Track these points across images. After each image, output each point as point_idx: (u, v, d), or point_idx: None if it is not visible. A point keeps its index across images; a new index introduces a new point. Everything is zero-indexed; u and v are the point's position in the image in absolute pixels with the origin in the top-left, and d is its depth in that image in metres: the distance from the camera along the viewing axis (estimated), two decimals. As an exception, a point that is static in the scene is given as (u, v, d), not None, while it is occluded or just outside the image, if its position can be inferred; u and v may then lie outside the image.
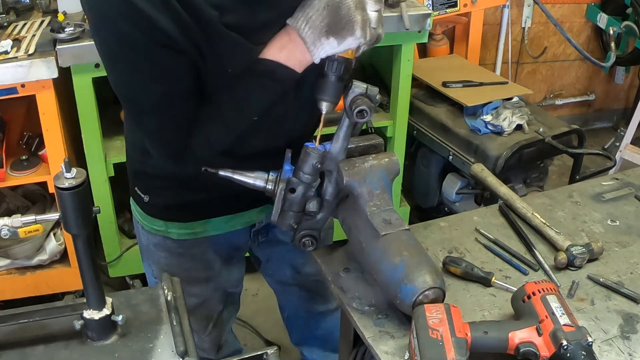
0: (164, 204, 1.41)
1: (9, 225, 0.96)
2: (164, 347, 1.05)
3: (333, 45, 1.10)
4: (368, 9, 1.11)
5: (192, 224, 1.43)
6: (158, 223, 1.44)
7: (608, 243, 1.43)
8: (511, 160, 2.38)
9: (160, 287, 1.16)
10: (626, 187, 1.64)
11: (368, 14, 1.11)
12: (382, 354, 1.15)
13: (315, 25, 1.09)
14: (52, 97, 2.02)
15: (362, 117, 1.15)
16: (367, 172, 1.23)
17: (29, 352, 1.04)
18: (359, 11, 1.09)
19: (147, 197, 1.41)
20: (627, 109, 4.01)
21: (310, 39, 1.10)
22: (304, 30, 1.10)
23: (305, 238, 1.31)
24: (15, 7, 2.23)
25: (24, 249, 2.32)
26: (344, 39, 1.10)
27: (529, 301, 1.13)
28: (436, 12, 2.81)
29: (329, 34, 1.10)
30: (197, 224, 1.43)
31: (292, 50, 1.13)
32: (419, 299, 1.13)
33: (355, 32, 1.09)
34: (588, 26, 3.67)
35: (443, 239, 1.45)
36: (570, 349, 1.02)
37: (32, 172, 2.18)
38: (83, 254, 1.01)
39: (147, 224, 1.46)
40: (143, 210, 1.45)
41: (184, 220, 1.43)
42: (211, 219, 1.43)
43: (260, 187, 1.26)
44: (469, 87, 2.68)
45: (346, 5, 1.08)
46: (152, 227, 1.45)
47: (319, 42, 1.10)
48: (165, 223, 1.43)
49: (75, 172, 0.96)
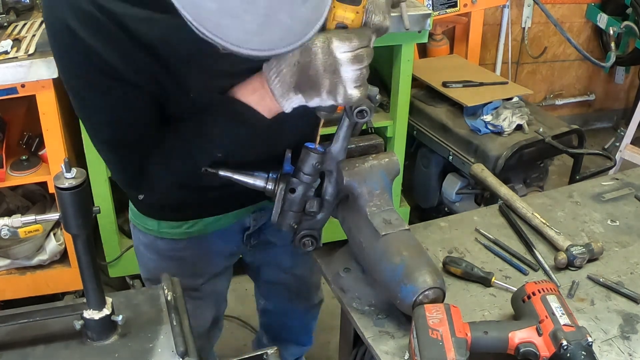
0: (158, 203, 1.40)
1: (9, 225, 0.96)
2: (164, 347, 1.05)
3: (301, 100, 1.08)
4: (342, 71, 1.03)
5: (184, 223, 1.42)
6: (151, 222, 1.43)
7: (608, 243, 1.43)
8: (511, 160, 2.38)
9: (160, 287, 1.16)
10: (626, 187, 1.64)
11: (341, 76, 1.03)
12: (382, 354, 1.15)
13: (285, 80, 1.06)
14: (52, 97, 2.02)
15: (362, 117, 1.15)
16: (367, 172, 1.23)
17: (29, 352, 1.04)
18: (328, 74, 1.03)
19: (142, 196, 1.39)
20: (627, 109, 4.01)
21: (279, 92, 1.07)
22: (274, 82, 1.07)
23: (305, 238, 1.31)
24: (15, 7, 2.22)
25: (24, 249, 2.32)
26: (311, 98, 1.07)
27: (529, 301, 1.13)
28: (436, 12, 2.81)
29: (297, 91, 1.07)
30: (189, 223, 1.42)
31: (263, 96, 1.10)
32: (419, 299, 1.13)
33: (321, 94, 1.05)
34: (588, 26, 3.67)
35: (443, 239, 1.45)
36: (570, 349, 1.02)
37: (32, 172, 2.18)
38: (83, 254, 1.01)
39: (140, 222, 1.45)
40: (137, 208, 1.44)
41: (177, 220, 1.42)
42: (203, 218, 1.43)
43: (260, 187, 1.26)
44: (469, 87, 2.68)
45: (314, 67, 1.03)
46: (145, 227, 1.44)
47: (287, 96, 1.08)
48: (158, 222, 1.42)
49: (75, 172, 0.95)
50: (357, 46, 1.02)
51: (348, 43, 1.01)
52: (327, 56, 1.02)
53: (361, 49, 1.03)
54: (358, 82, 1.04)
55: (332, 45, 1.01)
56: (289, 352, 2.03)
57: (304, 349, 2.06)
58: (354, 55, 1.02)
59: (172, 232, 1.43)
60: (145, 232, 1.45)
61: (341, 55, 1.02)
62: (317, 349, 2.42)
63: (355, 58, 1.02)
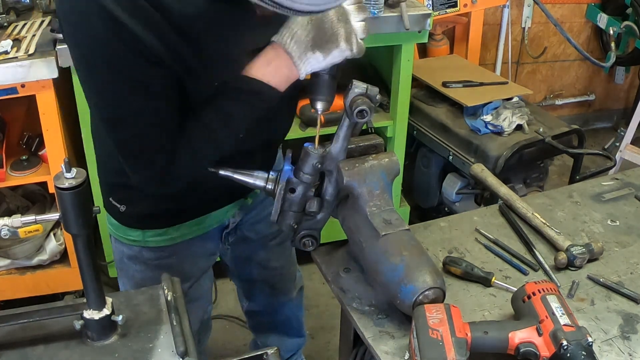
0: (141, 212, 1.38)
1: (9, 225, 0.96)
2: (164, 347, 1.05)
3: (319, 59, 1.12)
4: (352, 20, 1.12)
5: (168, 229, 1.41)
6: (135, 233, 1.41)
7: (608, 243, 1.43)
8: (511, 160, 2.38)
9: (160, 287, 1.16)
10: (626, 187, 1.64)
11: (352, 25, 1.12)
12: (382, 354, 1.15)
13: (301, 40, 1.10)
14: (52, 97, 2.02)
15: (362, 117, 1.15)
16: (367, 172, 1.23)
17: (29, 352, 1.04)
18: (342, 24, 1.11)
19: (124, 207, 1.38)
20: (627, 109, 4.01)
21: (297, 54, 1.11)
22: (290, 45, 1.11)
23: (305, 238, 1.31)
24: (16, 7, 2.22)
25: (24, 249, 2.32)
26: (329, 51, 1.11)
27: (529, 301, 1.13)
28: (436, 12, 2.81)
29: (314, 48, 1.11)
30: (173, 229, 1.41)
31: (278, 65, 1.13)
32: (419, 299, 1.13)
33: (340, 44, 1.11)
34: (588, 26, 3.67)
35: (443, 239, 1.45)
36: (570, 349, 1.02)
37: (32, 172, 2.18)
38: (83, 254, 1.01)
39: (122, 235, 1.43)
40: (118, 221, 1.41)
41: (161, 227, 1.41)
42: (186, 222, 1.42)
43: (260, 186, 1.26)
44: (469, 87, 2.68)
45: (329, 19, 1.10)
46: (128, 238, 1.42)
47: (305, 57, 1.11)
48: (143, 232, 1.40)
49: (75, 172, 0.95)
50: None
51: None
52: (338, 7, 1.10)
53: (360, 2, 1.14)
54: (364, 32, 1.14)
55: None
56: (284, 347, 2.03)
57: (299, 342, 2.07)
58: (358, 5, 1.14)
59: (158, 239, 1.42)
60: (129, 244, 1.43)
61: (349, 6, 1.12)
62: (317, 349, 2.42)
63: (360, 7, 1.14)
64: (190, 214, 1.42)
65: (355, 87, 1.17)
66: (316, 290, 2.66)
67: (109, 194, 1.40)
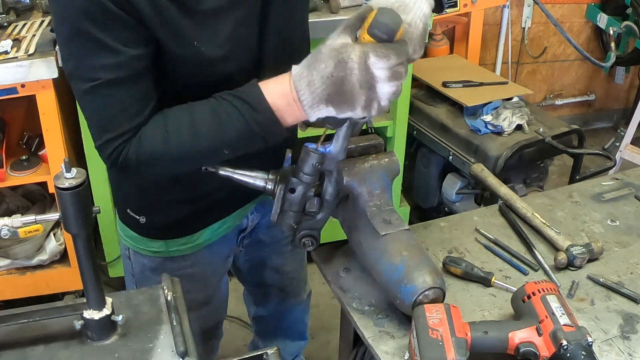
0: (163, 222, 1.35)
1: (9, 225, 0.96)
2: (164, 347, 1.05)
3: (331, 112, 1.03)
4: (379, 87, 0.99)
5: (191, 237, 1.38)
6: (157, 244, 1.37)
7: (608, 243, 1.43)
8: (511, 160, 2.38)
9: (160, 287, 1.16)
10: (626, 187, 1.64)
11: (377, 93, 1.00)
12: (382, 354, 1.15)
13: (317, 92, 1.01)
14: (52, 97, 2.01)
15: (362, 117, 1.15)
16: (367, 172, 1.23)
17: (29, 352, 1.04)
18: (364, 90, 0.99)
19: (144, 218, 1.33)
20: (627, 109, 4.01)
21: (308, 103, 1.03)
22: (304, 93, 1.02)
23: (305, 238, 1.30)
24: (15, 7, 2.22)
25: (24, 249, 2.32)
26: (342, 111, 1.03)
27: (529, 301, 1.13)
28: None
29: (328, 103, 1.02)
30: (195, 235, 1.39)
31: (290, 103, 1.05)
32: (419, 299, 1.13)
33: (355, 110, 1.02)
34: (588, 26, 3.67)
35: (443, 239, 1.45)
36: (570, 349, 1.02)
37: (32, 172, 2.18)
38: (83, 254, 1.01)
39: (143, 247, 1.38)
40: (139, 233, 1.37)
41: (185, 235, 1.37)
42: (209, 226, 1.40)
43: (260, 186, 1.26)
44: (469, 87, 2.68)
45: (350, 83, 0.98)
46: (150, 250, 1.38)
47: (317, 107, 1.03)
48: (166, 242, 1.37)
49: (75, 172, 0.95)
50: (395, 63, 0.98)
51: (386, 60, 0.97)
52: (364, 72, 0.98)
53: (399, 65, 0.99)
54: (394, 97, 1.01)
55: (369, 61, 0.97)
56: (287, 351, 2.03)
57: (301, 345, 2.06)
58: (392, 72, 0.98)
59: (182, 248, 1.39)
60: (151, 256, 1.39)
61: (379, 72, 0.98)
62: (317, 349, 2.42)
63: (393, 75, 0.99)
64: (213, 216, 1.40)
65: (355, 87, 1.17)
66: (316, 290, 2.65)
67: (125, 205, 1.36)
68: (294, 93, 1.04)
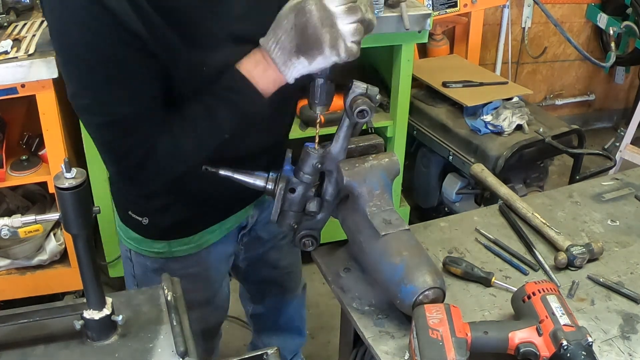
0: (166, 223, 1.35)
1: (9, 225, 0.96)
2: (164, 347, 1.05)
3: (304, 64, 1.08)
4: (339, 23, 1.05)
5: (193, 237, 1.39)
6: (159, 245, 1.37)
7: (608, 243, 1.43)
8: (511, 160, 2.38)
9: (160, 287, 1.16)
10: (626, 187, 1.64)
11: (339, 29, 1.05)
12: (382, 354, 1.15)
13: (285, 46, 1.07)
14: (52, 97, 2.02)
15: (362, 117, 1.15)
16: (367, 172, 1.23)
17: (29, 352, 1.04)
18: (327, 28, 1.04)
19: (147, 220, 1.34)
20: (627, 109, 4.01)
21: (281, 60, 1.08)
22: (274, 51, 1.08)
23: (305, 238, 1.31)
24: (15, 7, 2.22)
25: (24, 249, 2.31)
26: (313, 58, 1.07)
27: (529, 301, 1.13)
28: (436, 12, 2.81)
29: (298, 54, 1.07)
30: (197, 235, 1.39)
31: (265, 67, 1.10)
32: (419, 299, 1.13)
33: (324, 50, 1.06)
34: (588, 26, 3.67)
35: (443, 239, 1.45)
36: (570, 349, 1.02)
37: (32, 172, 2.18)
38: (83, 254, 1.01)
39: (146, 248, 1.39)
40: (141, 234, 1.37)
41: (188, 235, 1.38)
42: (212, 225, 1.40)
43: (260, 186, 1.26)
44: (469, 87, 2.68)
45: (312, 24, 1.04)
46: (153, 251, 1.39)
47: (290, 62, 1.08)
48: (169, 243, 1.37)
49: (75, 172, 0.95)
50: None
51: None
52: (322, 11, 1.04)
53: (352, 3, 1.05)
54: (356, 35, 1.06)
55: (324, 1, 1.04)
56: (287, 348, 2.03)
57: (300, 342, 2.06)
58: (347, 7, 1.04)
59: (185, 248, 1.39)
60: (154, 257, 1.39)
61: (335, 9, 1.04)
62: (317, 349, 2.42)
63: (349, 9, 1.05)
64: (216, 216, 1.40)
65: (355, 87, 1.17)
66: (316, 290, 2.66)
67: (126, 207, 1.36)
68: (266, 57, 1.09)
